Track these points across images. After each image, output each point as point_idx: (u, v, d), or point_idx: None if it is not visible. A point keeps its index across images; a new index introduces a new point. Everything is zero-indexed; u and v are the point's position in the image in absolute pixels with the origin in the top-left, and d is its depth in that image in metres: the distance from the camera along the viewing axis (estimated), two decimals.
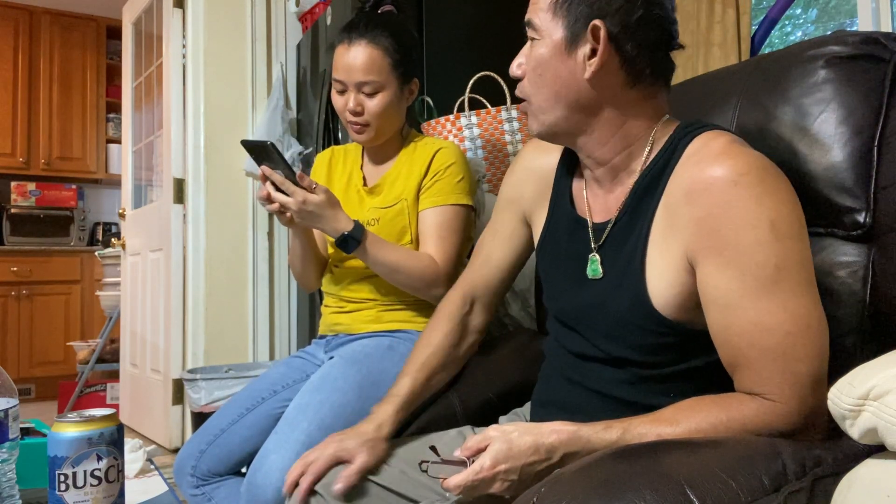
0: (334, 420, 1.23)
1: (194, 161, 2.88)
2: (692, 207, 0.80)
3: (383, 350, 1.37)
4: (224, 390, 2.36)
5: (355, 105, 1.40)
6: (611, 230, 0.90)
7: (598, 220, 0.93)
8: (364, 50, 1.38)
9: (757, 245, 0.76)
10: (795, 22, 2.51)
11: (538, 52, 0.89)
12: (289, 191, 1.26)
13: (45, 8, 4.73)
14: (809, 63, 0.93)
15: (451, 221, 1.41)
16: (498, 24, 2.33)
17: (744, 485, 0.60)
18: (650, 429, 0.76)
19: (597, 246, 0.91)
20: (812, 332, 0.75)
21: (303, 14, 3.00)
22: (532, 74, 0.90)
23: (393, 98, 1.43)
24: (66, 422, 0.78)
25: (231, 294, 2.91)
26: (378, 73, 1.39)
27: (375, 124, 1.43)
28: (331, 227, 1.30)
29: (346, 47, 1.39)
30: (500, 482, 0.79)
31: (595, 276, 0.91)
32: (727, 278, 0.77)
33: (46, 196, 4.78)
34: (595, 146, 0.91)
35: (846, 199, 0.88)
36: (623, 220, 0.89)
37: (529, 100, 0.92)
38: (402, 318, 1.44)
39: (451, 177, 1.43)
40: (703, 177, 0.80)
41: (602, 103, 0.88)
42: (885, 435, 0.57)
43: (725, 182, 0.78)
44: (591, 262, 0.92)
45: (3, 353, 4.30)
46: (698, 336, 0.83)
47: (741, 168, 0.78)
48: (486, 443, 0.80)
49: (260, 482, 1.18)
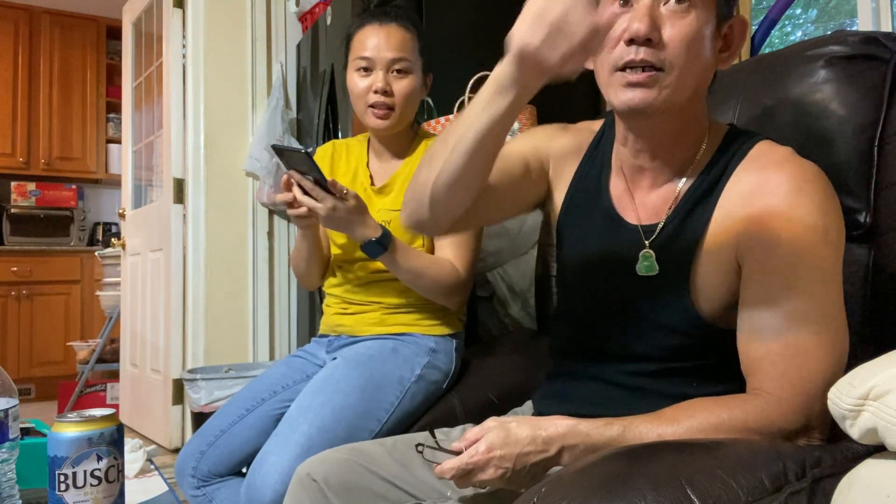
0: (335, 423, 1.22)
1: (194, 161, 2.88)
2: (751, 208, 0.81)
3: (387, 353, 1.36)
4: (224, 390, 2.36)
5: (385, 84, 1.38)
6: (662, 229, 0.88)
7: (646, 220, 0.91)
8: (397, 30, 1.39)
9: (808, 248, 0.77)
10: (795, 22, 2.51)
11: (697, 25, 0.80)
12: (318, 197, 1.24)
13: (45, 8, 4.73)
14: (810, 63, 0.93)
15: None
16: (498, 24, 2.31)
17: (745, 485, 0.60)
18: (651, 427, 0.76)
19: (649, 243, 0.89)
20: (837, 340, 0.77)
21: (303, 14, 3.00)
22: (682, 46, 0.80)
23: (418, 84, 1.43)
24: (66, 422, 0.78)
25: (231, 294, 2.91)
26: (410, 53, 1.40)
27: (400, 108, 1.41)
28: (359, 234, 1.29)
29: (377, 27, 1.39)
30: (493, 468, 0.78)
31: (649, 272, 0.88)
32: (771, 274, 0.78)
33: (46, 196, 4.78)
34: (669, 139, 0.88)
35: (847, 199, 0.88)
36: (676, 220, 0.87)
37: (671, 70, 0.80)
38: (406, 321, 1.43)
39: None
40: (768, 180, 0.81)
41: (701, 98, 0.87)
42: (885, 435, 0.57)
43: (790, 187, 0.79)
44: (643, 258, 0.89)
45: (3, 353, 4.30)
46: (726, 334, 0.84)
47: (807, 176, 0.80)
48: (484, 433, 0.81)
49: (259, 484, 1.18)
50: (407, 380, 1.32)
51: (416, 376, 1.33)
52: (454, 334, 1.45)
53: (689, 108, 0.86)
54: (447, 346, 1.42)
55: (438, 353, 1.39)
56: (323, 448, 1.14)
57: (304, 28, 3.02)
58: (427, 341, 1.40)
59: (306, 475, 0.99)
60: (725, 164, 0.86)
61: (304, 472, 1.00)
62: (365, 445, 1.05)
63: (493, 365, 1.47)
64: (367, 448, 1.03)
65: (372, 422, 1.26)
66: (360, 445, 1.05)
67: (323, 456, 1.02)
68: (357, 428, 1.24)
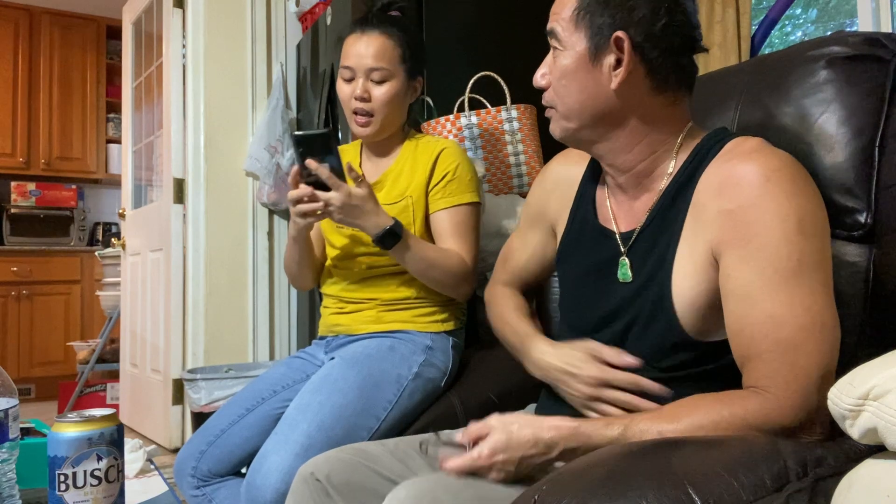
0: (334, 421, 1.23)
1: (194, 161, 2.88)
2: (721, 200, 0.81)
3: (384, 351, 1.37)
4: (224, 390, 2.36)
5: (363, 91, 1.41)
6: (638, 235, 0.90)
7: (624, 228, 0.94)
8: (377, 38, 1.42)
9: (783, 239, 0.77)
10: (795, 22, 2.52)
11: (562, 64, 0.89)
12: (334, 186, 1.25)
13: (45, 8, 4.73)
14: (810, 63, 0.93)
15: (468, 220, 1.44)
16: (498, 24, 2.33)
17: (746, 484, 0.60)
18: (651, 425, 0.77)
19: (626, 250, 0.92)
20: (825, 331, 0.76)
21: (303, 14, 3.00)
22: (557, 85, 0.90)
23: (399, 90, 1.44)
24: (66, 422, 0.78)
25: (231, 294, 2.91)
26: (388, 61, 1.42)
27: (380, 115, 1.43)
28: (372, 223, 1.29)
29: (359, 36, 1.43)
30: (496, 471, 0.81)
31: (625, 279, 0.91)
32: (749, 269, 0.78)
33: (46, 196, 4.78)
34: (618, 154, 0.91)
35: (847, 199, 0.88)
36: (652, 226, 0.89)
37: (556, 108, 0.92)
38: (403, 318, 1.44)
39: (461, 177, 1.45)
40: (735, 172, 0.81)
41: (627, 112, 0.88)
42: (885, 435, 0.57)
43: (758, 177, 0.79)
44: (621, 265, 0.92)
45: (3, 353, 4.30)
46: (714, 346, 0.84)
47: (774, 165, 0.80)
48: (486, 431, 0.82)
49: (259, 483, 1.18)
50: (405, 378, 1.33)
51: (414, 374, 1.34)
52: (451, 332, 1.46)
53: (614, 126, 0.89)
54: (444, 343, 1.43)
55: (435, 351, 1.40)
56: (323, 446, 1.16)
57: (304, 28, 3.02)
58: (424, 339, 1.41)
59: (310, 474, 0.99)
60: (698, 164, 0.87)
61: (308, 471, 1.00)
62: (367, 446, 1.05)
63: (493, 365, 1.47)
64: (370, 448, 1.04)
65: (371, 420, 1.27)
66: (362, 445, 1.05)
67: (326, 455, 1.02)
68: (356, 426, 1.24)
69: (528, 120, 1.90)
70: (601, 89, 0.87)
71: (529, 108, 1.92)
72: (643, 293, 0.88)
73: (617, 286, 0.92)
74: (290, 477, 1.14)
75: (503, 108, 1.88)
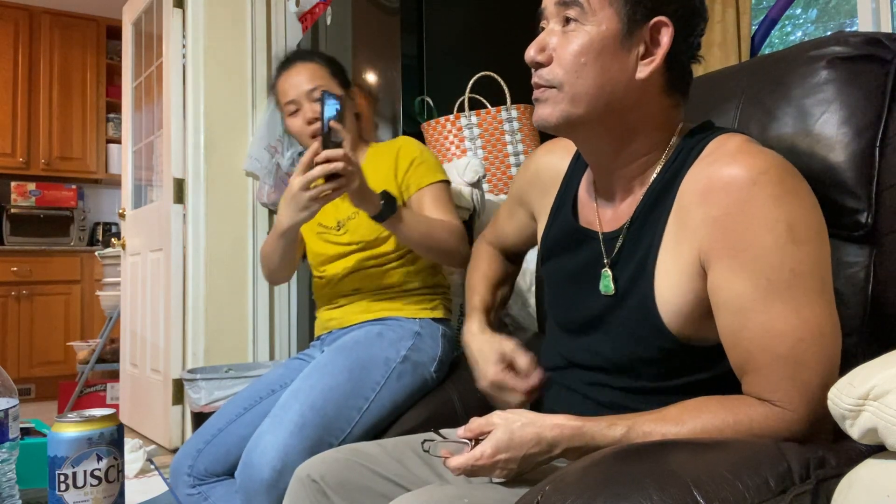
0: (325, 402, 1.27)
1: (194, 161, 2.88)
2: (707, 207, 0.77)
3: (373, 337, 1.41)
4: (224, 390, 2.36)
5: (312, 113, 1.48)
6: (623, 242, 0.86)
7: (607, 229, 0.89)
8: (303, 66, 1.55)
9: (773, 248, 0.73)
10: (795, 22, 2.51)
11: (582, 41, 0.80)
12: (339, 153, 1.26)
13: (45, 8, 4.73)
14: (811, 64, 0.93)
15: (445, 195, 1.51)
16: (498, 24, 2.32)
17: (750, 486, 0.60)
18: (655, 427, 0.76)
19: (609, 261, 0.88)
20: (825, 340, 0.73)
21: (303, 14, 2.99)
22: (572, 62, 0.81)
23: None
24: (66, 422, 0.78)
25: (231, 294, 2.91)
26: (321, 78, 1.53)
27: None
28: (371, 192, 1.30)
29: (287, 73, 1.55)
30: (499, 470, 0.81)
31: (607, 291, 0.87)
32: (741, 281, 0.74)
33: (46, 196, 4.77)
34: (610, 152, 0.86)
35: (848, 199, 0.88)
36: (634, 230, 0.85)
37: (561, 87, 0.82)
38: (391, 307, 1.48)
39: (427, 160, 1.52)
40: (719, 175, 0.76)
41: (636, 107, 0.83)
42: (885, 435, 0.57)
43: (744, 181, 0.74)
44: (603, 277, 0.88)
45: (3, 353, 4.30)
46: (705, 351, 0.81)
47: (760, 167, 0.75)
48: (489, 428, 0.81)
49: (255, 461, 1.20)
50: (393, 360, 1.37)
51: (402, 357, 1.38)
52: (440, 320, 1.50)
53: (620, 120, 0.83)
54: (433, 330, 1.46)
55: (423, 337, 1.44)
56: (316, 425, 1.23)
57: (304, 28, 3.01)
58: (412, 325, 1.45)
59: (306, 475, 0.99)
60: (681, 164, 0.82)
61: (304, 472, 1.00)
62: (363, 446, 1.05)
63: None
64: (366, 448, 1.03)
65: (360, 400, 1.31)
66: (358, 446, 1.05)
67: (322, 456, 1.02)
68: (346, 406, 1.29)
69: (528, 120, 1.90)
70: (624, 76, 0.80)
71: (529, 108, 1.92)
72: (626, 304, 0.85)
73: (599, 296, 0.89)
74: (285, 455, 1.18)
75: (503, 108, 1.88)
